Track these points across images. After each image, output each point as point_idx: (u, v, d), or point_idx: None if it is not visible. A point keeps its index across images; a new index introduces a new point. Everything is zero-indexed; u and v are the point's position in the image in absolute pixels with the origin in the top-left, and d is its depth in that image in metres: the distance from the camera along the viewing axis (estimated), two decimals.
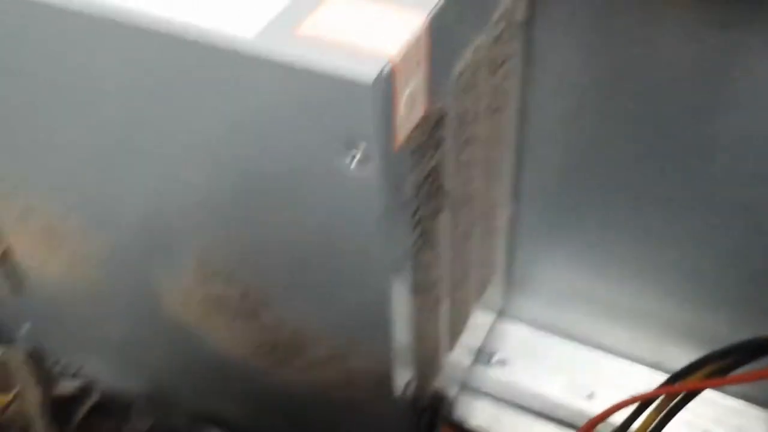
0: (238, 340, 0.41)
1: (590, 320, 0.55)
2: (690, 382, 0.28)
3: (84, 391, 0.38)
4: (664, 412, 0.30)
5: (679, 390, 0.28)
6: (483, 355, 0.56)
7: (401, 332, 0.36)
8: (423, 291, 0.37)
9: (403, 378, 0.39)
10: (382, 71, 0.26)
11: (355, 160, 0.29)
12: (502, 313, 0.58)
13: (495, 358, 0.57)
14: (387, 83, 0.27)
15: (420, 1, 0.29)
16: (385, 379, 0.38)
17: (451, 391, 0.50)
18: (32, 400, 0.36)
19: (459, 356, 0.49)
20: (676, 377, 0.29)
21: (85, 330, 0.50)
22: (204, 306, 0.41)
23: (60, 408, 0.37)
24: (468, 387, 0.55)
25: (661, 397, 0.29)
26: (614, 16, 0.40)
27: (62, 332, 0.52)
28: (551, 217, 0.51)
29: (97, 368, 0.53)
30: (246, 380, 0.44)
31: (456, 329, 0.45)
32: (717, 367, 0.28)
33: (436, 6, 0.29)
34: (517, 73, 0.42)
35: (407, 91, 0.28)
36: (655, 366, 0.54)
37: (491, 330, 0.57)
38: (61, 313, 0.49)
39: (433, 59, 0.30)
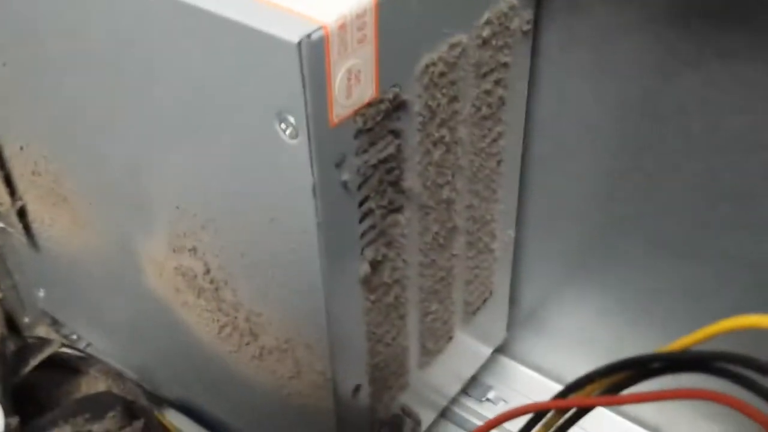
0: (204, 319, 0.41)
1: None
2: (580, 398, 0.25)
3: (39, 347, 0.39)
4: (554, 428, 0.27)
5: (570, 405, 0.26)
6: (476, 389, 0.54)
7: (343, 326, 0.35)
8: (377, 290, 0.36)
9: (348, 379, 0.38)
10: (310, 35, 0.26)
11: (287, 127, 0.28)
12: (505, 350, 0.55)
13: (489, 395, 0.54)
14: (316, 49, 0.27)
15: None
16: (327, 377, 0.37)
17: (426, 415, 0.47)
18: None
19: (438, 378, 0.47)
20: (569, 390, 0.26)
21: (86, 303, 0.52)
22: (175, 278, 0.41)
23: (14, 358, 0.37)
24: (452, 418, 0.52)
25: (552, 412, 0.27)
26: (622, 39, 0.38)
27: (69, 304, 0.54)
28: (560, 253, 0.48)
29: (100, 345, 0.54)
30: (208, 365, 0.44)
31: (430, 345, 0.43)
32: (611, 382, 0.25)
33: None
34: (518, 85, 0.40)
35: (346, 65, 0.28)
36: (655, 429, 0.50)
37: (491, 364, 0.55)
38: (67, 282, 0.51)
39: (385, 41, 0.29)
